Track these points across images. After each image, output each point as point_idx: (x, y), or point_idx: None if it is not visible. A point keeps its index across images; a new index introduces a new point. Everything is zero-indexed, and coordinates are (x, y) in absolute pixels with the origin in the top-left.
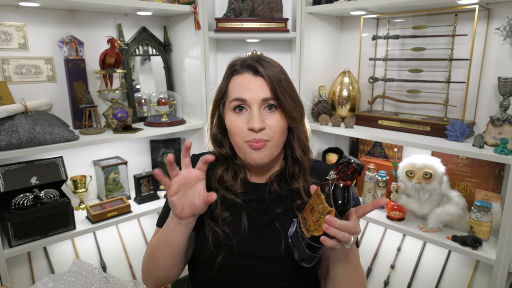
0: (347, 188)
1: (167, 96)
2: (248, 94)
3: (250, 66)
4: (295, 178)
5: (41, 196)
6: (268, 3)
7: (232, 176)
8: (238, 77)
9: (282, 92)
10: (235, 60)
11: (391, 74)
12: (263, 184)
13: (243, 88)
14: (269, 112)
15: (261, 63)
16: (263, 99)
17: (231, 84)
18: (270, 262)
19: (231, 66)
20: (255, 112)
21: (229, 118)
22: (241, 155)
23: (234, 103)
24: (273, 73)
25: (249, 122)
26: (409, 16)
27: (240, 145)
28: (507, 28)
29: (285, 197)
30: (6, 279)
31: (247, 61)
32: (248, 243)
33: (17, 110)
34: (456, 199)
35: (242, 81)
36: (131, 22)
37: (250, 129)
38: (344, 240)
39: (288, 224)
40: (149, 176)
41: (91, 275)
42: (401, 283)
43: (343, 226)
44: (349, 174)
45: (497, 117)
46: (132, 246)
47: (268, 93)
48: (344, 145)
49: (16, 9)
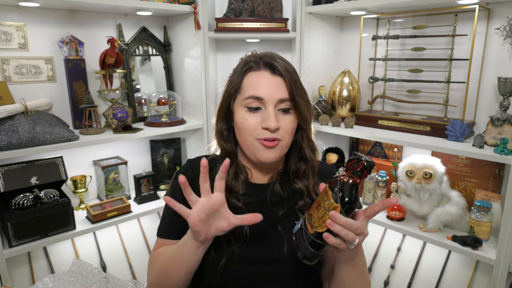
0: (355, 186)
1: (167, 96)
2: (265, 93)
3: (268, 64)
4: (299, 177)
5: (41, 196)
6: (268, 3)
7: (233, 175)
8: (255, 74)
9: (298, 93)
10: (248, 56)
11: (391, 74)
12: (265, 185)
13: (260, 86)
14: (283, 113)
15: (278, 62)
16: (280, 99)
17: (246, 80)
18: (273, 266)
19: (246, 62)
20: (271, 112)
21: (241, 115)
22: (250, 152)
23: (249, 100)
24: (290, 73)
25: (264, 121)
26: (409, 16)
27: (250, 142)
28: (507, 28)
29: (287, 199)
30: (6, 279)
31: (265, 58)
32: (250, 247)
33: (17, 110)
34: (456, 199)
35: (259, 79)
36: (131, 22)
37: (265, 128)
38: (347, 239)
39: (290, 226)
40: (149, 176)
41: (91, 275)
42: (401, 283)
43: (347, 223)
44: (358, 171)
45: (497, 117)
46: (132, 246)
47: (286, 93)
48: (344, 145)
49: (16, 9)
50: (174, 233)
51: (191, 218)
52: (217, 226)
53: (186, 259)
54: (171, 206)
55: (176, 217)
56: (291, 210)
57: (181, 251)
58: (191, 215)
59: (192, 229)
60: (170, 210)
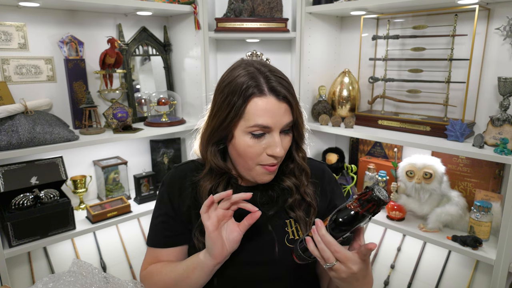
0: (356, 215)
1: (167, 96)
2: (273, 121)
3: (273, 89)
4: (287, 174)
5: (41, 196)
6: (268, 3)
7: (224, 187)
8: (260, 100)
9: (298, 113)
10: (251, 77)
11: (391, 74)
12: (254, 186)
13: (267, 115)
14: (284, 134)
15: (282, 84)
16: (286, 124)
17: (250, 106)
18: (266, 267)
19: (248, 86)
20: (277, 139)
21: (244, 141)
22: (249, 175)
23: (256, 129)
24: (292, 94)
25: (271, 148)
26: (409, 16)
27: (251, 167)
28: (507, 28)
29: (276, 198)
30: (6, 279)
31: (267, 81)
32: (242, 250)
33: (17, 110)
34: (456, 199)
35: (266, 107)
36: (131, 22)
37: (271, 155)
38: (323, 255)
39: (280, 225)
40: (149, 176)
41: (91, 275)
42: (401, 283)
43: (325, 238)
44: (363, 202)
45: (497, 117)
46: (132, 246)
47: (291, 117)
48: (344, 145)
49: (16, 9)
50: (166, 242)
51: (210, 223)
52: (229, 238)
53: (197, 280)
54: (208, 204)
55: (166, 224)
56: (281, 208)
57: (191, 273)
58: (209, 220)
59: (209, 236)
60: (160, 218)
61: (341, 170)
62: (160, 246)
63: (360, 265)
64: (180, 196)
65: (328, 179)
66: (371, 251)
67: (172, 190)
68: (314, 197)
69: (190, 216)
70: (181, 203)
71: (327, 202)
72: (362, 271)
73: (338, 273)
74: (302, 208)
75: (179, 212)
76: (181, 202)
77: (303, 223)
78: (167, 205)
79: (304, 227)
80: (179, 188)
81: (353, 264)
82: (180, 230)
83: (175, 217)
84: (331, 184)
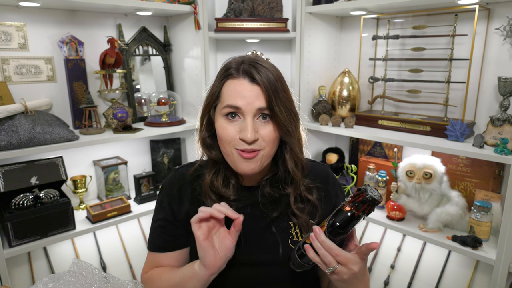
0: (352, 217)
1: (167, 96)
2: (243, 102)
3: (247, 71)
4: (288, 183)
5: (41, 196)
6: (268, 3)
7: (222, 181)
8: (233, 82)
9: (277, 103)
10: (230, 61)
11: (391, 74)
12: (255, 186)
13: (238, 95)
14: (263, 121)
15: (258, 69)
16: (258, 109)
17: (225, 88)
18: (270, 269)
19: (226, 68)
20: (248, 123)
21: (220, 124)
22: (230, 162)
23: (227, 109)
24: (270, 81)
25: (242, 132)
26: (409, 16)
27: (229, 152)
28: (507, 28)
29: (279, 200)
30: (6, 279)
31: (244, 65)
32: (245, 251)
33: (17, 110)
34: (456, 199)
35: (237, 87)
36: (131, 22)
37: (242, 140)
38: (324, 260)
39: (284, 226)
40: (149, 176)
41: (91, 275)
42: (401, 283)
43: (325, 244)
44: (357, 203)
45: (497, 117)
46: (132, 246)
47: (264, 103)
48: (344, 145)
49: (16, 9)
50: (166, 246)
51: (200, 233)
52: (222, 246)
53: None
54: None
55: (165, 229)
56: (284, 212)
57: (188, 284)
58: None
59: (201, 244)
60: (158, 223)
61: (341, 170)
62: (159, 250)
63: (361, 264)
64: (180, 198)
65: (332, 183)
66: (372, 250)
67: (171, 193)
68: (317, 203)
69: (190, 217)
70: (181, 206)
71: (332, 206)
72: (362, 270)
73: (340, 275)
74: (306, 211)
75: (178, 215)
76: (181, 205)
77: (305, 230)
78: (165, 210)
79: (306, 233)
80: (178, 190)
81: (354, 264)
82: (179, 234)
83: (174, 221)
84: (335, 188)
